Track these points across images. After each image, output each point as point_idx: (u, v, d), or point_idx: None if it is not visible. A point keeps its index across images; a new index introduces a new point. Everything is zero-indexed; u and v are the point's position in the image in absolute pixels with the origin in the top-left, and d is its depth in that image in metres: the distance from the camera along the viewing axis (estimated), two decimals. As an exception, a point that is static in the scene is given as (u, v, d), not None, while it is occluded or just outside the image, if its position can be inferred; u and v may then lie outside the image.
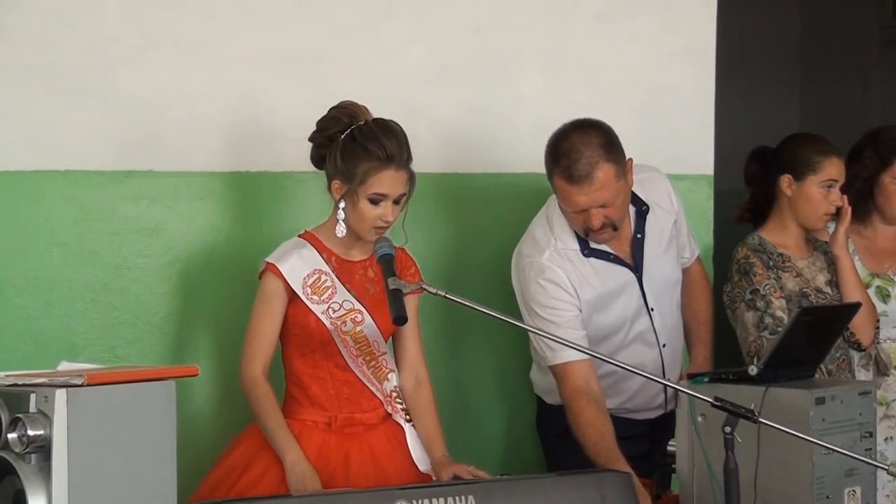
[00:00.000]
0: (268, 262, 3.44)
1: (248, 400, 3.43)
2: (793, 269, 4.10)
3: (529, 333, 3.78)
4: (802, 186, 4.09)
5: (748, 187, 4.28)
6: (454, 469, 3.35)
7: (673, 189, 3.94)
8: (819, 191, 4.08)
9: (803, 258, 4.16)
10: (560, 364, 3.64)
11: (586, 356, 3.58)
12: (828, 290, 4.13)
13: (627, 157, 3.65)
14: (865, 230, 4.43)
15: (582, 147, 3.55)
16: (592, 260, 3.74)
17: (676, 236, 3.92)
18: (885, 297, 4.37)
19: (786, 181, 4.10)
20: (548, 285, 3.66)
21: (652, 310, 3.80)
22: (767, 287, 4.02)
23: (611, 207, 3.60)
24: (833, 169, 4.10)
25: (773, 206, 4.18)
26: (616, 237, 3.74)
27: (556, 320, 3.64)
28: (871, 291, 4.34)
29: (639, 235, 3.80)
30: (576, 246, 3.72)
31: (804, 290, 4.07)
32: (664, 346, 3.83)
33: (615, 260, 3.76)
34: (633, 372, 3.12)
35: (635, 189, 3.80)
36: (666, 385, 3.73)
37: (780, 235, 4.14)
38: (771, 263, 4.07)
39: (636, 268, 3.78)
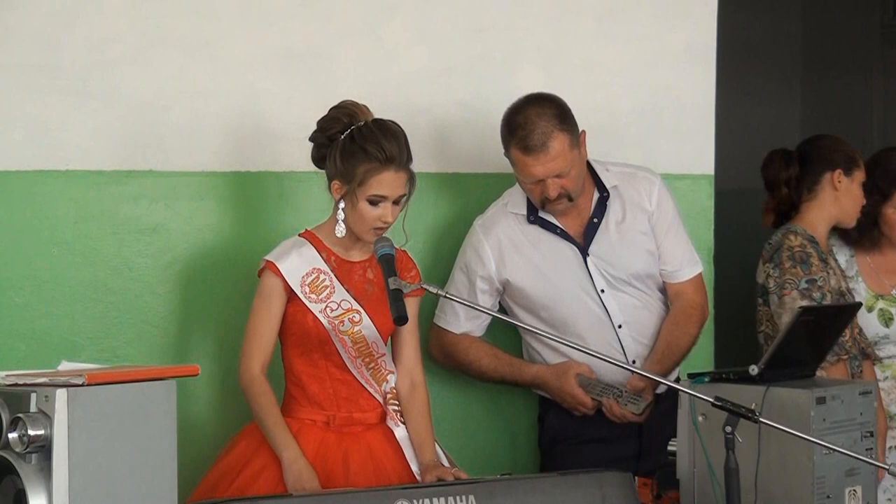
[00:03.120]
0: (267, 261, 3.44)
1: (247, 398, 3.43)
2: (832, 265, 4.13)
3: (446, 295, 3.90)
4: (852, 182, 4.15)
5: (773, 189, 4.25)
6: (437, 472, 3.34)
7: (660, 195, 3.94)
8: (860, 186, 4.17)
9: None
10: (448, 329, 3.95)
11: (477, 336, 3.94)
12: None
13: (581, 130, 3.77)
14: (874, 254, 4.43)
15: (536, 118, 3.70)
16: (536, 228, 3.87)
17: (655, 238, 3.92)
18: (887, 321, 4.36)
19: (837, 176, 4.14)
20: (472, 257, 3.89)
21: (602, 291, 3.84)
22: (822, 280, 4.02)
23: (566, 178, 3.73)
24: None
25: (803, 203, 4.19)
26: (572, 215, 3.85)
27: (465, 290, 3.89)
28: (874, 315, 4.34)
29: (595, 220, 3.88)
30: (523, 211, 3.87)
31: (840, 287, 4.10)
32: (620, 326, 3.85)
33: (561, 234, 3.86)
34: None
35: (607, 176, 3.90)
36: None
37: (814, 231, 4.15)
38: (823, 257, 4.09)
39: (583, 248, 3.85)
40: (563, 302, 3.85)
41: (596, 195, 3.90)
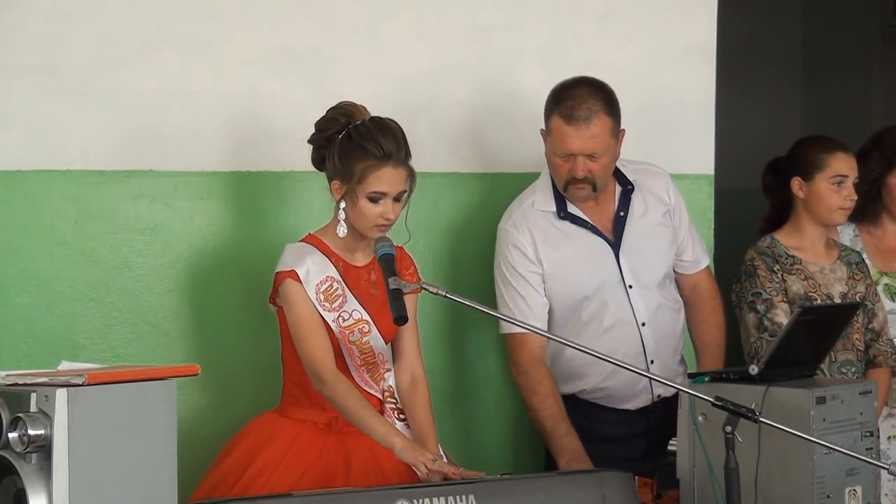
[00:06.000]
0: (285, 271, 3.40)
1: (334, 397, 3.34)
2: (801, 273, 4.10)
3: (497, 298, 3.86)
4: (812, 185, 4.13)
5: (767, 199, 4.30)
6: (445, 470, 3.33)
7: (674, 188, 3.98)
8: (829, 187, 4.11)
9: (819, 263, 4.15)
10: (518, 334, 3.76)
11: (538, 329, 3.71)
12: (839, 301, 4.12)
13: (622, 128, 3.77)
14: (875, 230, 4.47)
15: (588, 96, 3.71)
16: (566, 224, 3.84)
17: (674, 232, 3.94)
18: (893, 296, 4.38)
19: (796, 183, 4.14)
20: (511, 251, 3.81)
21: (630, 287, 3.84)
22: (771, 290, 4.04)
23: (596, 163, 3.72)
24: (839, 164, 4.13)
25: (790, 211, 4.21)
26: (598, 209, 3.85)
27: (519, 287, 3.79)
28: (880, 289, 4.36)
29: (622, 213, 3.88)
30: (553, 207, 3.84)
31: (810, 293, 4.07)
32: (643, 324, 3.85)
33: (592, 229, 3.85)
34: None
35: (626, 172, 3.90)
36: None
37: (795, 238, 4.16)
38: (776, 267, 4.08)
39: (615, 243, 3.84)
40: (595, 297, 3.83)
41: (619, 189, 3.90)
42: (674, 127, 4.38)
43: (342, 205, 3.42)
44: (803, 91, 6.64)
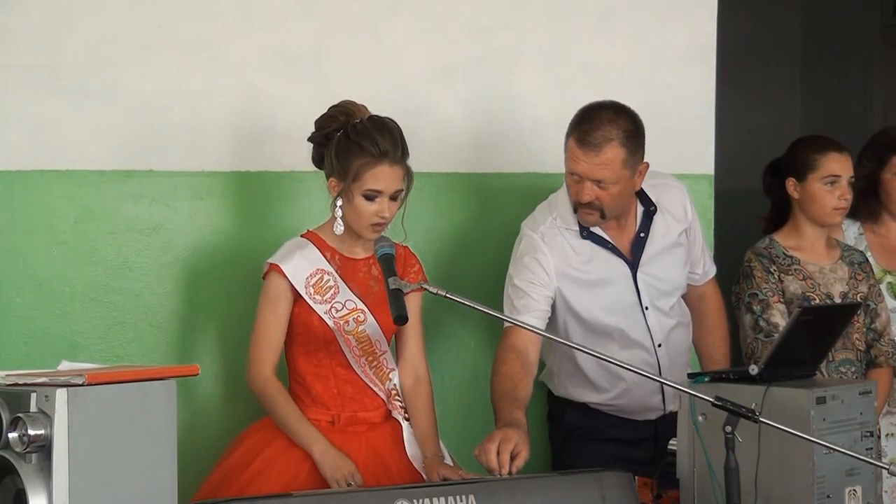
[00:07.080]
0: (271, 263, 3.44)
1: (262, 400, 3.42)
2: (799, 273, 4.10)
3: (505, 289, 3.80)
4: (806, 186, 4.13)
5: (768, 199, 4.30)
6: (444, 472, 3.35)
7: (689, 201, 3.96)
8: (822, 187, 4.11)
9: (819, 263, 4.15)
10: (508, 327, 3.67)
11: (538, 328, 3.62)
12: (839, 301, 4.12)
13: (644, 162, 3.70)
14: (878, 228, 4.48)
15: (607, 122, 3.64)
16: (589, 243, 3.79)
17: (688, 248, 3.94)
18: None
19: (791, 184, 4.14)
20: (533, 263, 3.72)
21: (647, 308, 3.82)
22: (767, 291, 4.04)
23: (604, 191, 3.65)
24: (832, 164, 4.12)
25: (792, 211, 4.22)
26: (619, 229, 3.81)
27: (525, 288, 3.71)
28: (884, 287, 4.37)
29: (642, 234, 3.84)
30: (575, 226, 3.78)
31: (808, 293, 4.07)
32: (659, 346, 3.84)
33: (612, 249, 3.81)
34: (630, 370, 3.13)
35: (647, 190, 3.86)
36: (662, 383, 3.72)
37: (793, 238, 4.17)
38: (773, 267, 4.08)
39: (633, 263, 3.81)
40: (612, 319, 3.80)
41: (641, 209, 3.86)
42: (674, 127, 4.38)
43: (339, 202, 3.43)
44: (803, 91, 6.64)
